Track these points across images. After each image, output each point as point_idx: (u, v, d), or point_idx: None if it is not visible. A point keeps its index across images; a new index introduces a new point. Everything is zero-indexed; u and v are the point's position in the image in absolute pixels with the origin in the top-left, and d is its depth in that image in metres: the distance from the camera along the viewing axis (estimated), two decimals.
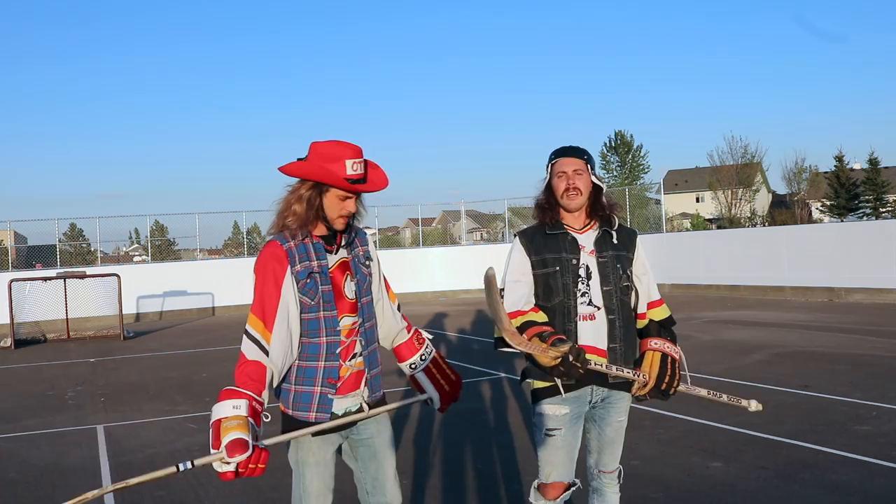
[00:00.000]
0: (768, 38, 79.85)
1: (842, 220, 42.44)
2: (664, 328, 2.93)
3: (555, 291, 2.82)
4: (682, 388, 2.85)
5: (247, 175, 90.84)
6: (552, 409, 2.80)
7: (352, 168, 2.50)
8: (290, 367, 2.60)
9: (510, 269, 2.90)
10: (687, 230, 38.56)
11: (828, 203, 48.58)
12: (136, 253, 38.58)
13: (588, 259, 2.85)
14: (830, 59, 77.74)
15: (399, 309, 2.88)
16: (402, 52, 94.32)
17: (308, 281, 2.53)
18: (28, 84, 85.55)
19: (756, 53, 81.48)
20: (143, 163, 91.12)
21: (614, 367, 2.73)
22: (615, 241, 2.89)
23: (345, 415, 2.61)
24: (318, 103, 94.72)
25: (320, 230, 2.59)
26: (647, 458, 5.03)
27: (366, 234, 2.79)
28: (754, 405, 2.86)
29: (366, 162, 2.59)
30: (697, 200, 58.38)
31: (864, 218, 44.73)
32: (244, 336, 2.51)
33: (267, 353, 2.47)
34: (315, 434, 2.59)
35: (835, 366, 8.09)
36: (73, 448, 6.19)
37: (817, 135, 78.46)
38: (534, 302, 2.85)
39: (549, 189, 2.91)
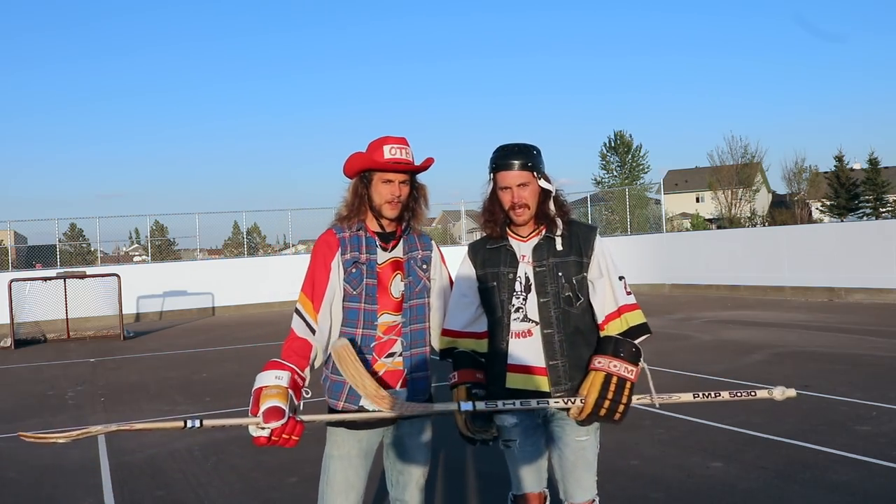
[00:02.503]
0: (768, 38, 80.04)
1: (842, 220, 42.43)
2: (623, 342, 2.59)
3: (493, 308, 2.68)
4: (658, 399, 2.59)
5: (247, 175, 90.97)
6: (500, 420, 2.68)
7: (390, 152, 2.60)
8: (329, 357, 2.66)
9: (458, 280, 2.78)
10: (687, 230, 38.54)
11: (828, 203, 48.57)
12: (136, 253, 38.59)
13: (527, 269, 2.66)
14: (830, 59, 77.95)
15: None
16: (403, 52, 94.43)
17: (353, 270, 2.61)
18: (28, 84, 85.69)
19: (756, 53, 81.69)
20: (143, 163, 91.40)
21: (533, 402, 2.50)
22: (559, 247, 2.64)
23: (377, 411, 2.58)
24: (318, 103, 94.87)
25: (375, 226, 2.67)
26: (647, 458, 5.03)
27: (431, 240, 2.82)
28: (778, 393, 2.64)
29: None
30: (697, 200, 58.35)
31: (864, 218, 44.71)
32: (294, 314, 2.61)
33: (314, 331, 2.55)
34: (340, 425, 2.60)
35: (835, 366, 8.09)
36: (73, 448, 6.19)
37: (817, 135, 78.62)
38: (482, 324, 2.71)
39: (495, 198, 2.69)
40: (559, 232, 2.67)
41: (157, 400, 8.14)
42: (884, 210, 47.07)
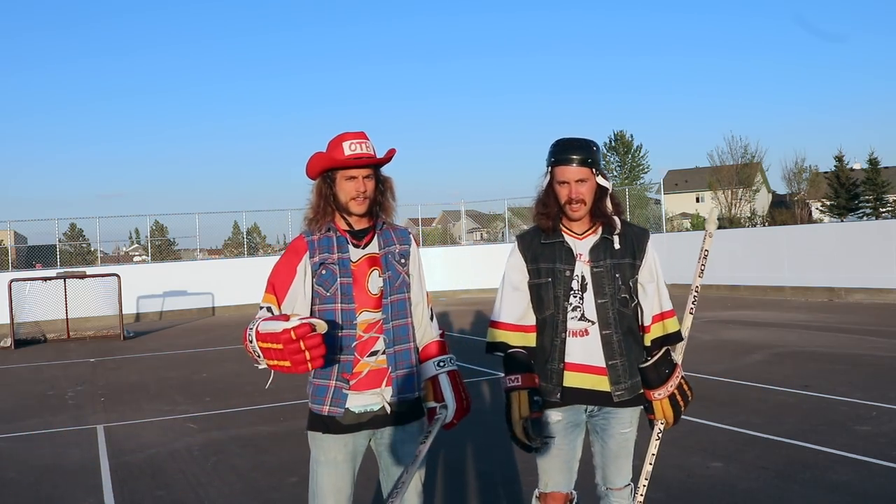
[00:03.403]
0: (768, 38, 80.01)
1: (842, 220, 42.42)
2: (661, 362, 2.68)
3: (545, 304, 2.67)
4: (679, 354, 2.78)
5: (247, 175, 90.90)
6: (544, 417, 2.67)
7: (350, 148, 2.54)
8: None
9: (509, 273, 2.76)
10: (687, 230, 38.55)
11: (828, 203, 48.55)
12: (136, 253, 38.55)
13: (584, 268, 2.66)
14: (830, 59, 77.88)
15: (432, 318, 2.82)
16: (402, 52, 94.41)
17: (323, 272, 2.55)
18: (28, 84, 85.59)
19: (756, 53, 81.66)
20: (143, 163, 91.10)
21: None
22: (617, 246, 2.67)
23: (363, 413, 2.56)
24: (318, 103, 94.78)
25: (345, 224, 2.62)
26: None
27: (409, 234, 2.76)
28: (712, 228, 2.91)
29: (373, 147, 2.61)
30: (697, 200, 58.37)
31: (864, 218, 44.70)
32: (259, 310, 2.53)
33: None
34: (324, 430, 2.56)
35: (835, 366, 8.09)
36: (73, 448, 6.19)
37: (817, 135, 78.59)
38: (531, 318, 2.72)
39: (550, 191, 2.68)
40: (617, 231, 2.68)
41: (157, 400, 8.14)
42: (884, 210, 47.05)
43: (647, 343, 2.71)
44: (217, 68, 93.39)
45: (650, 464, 2.71)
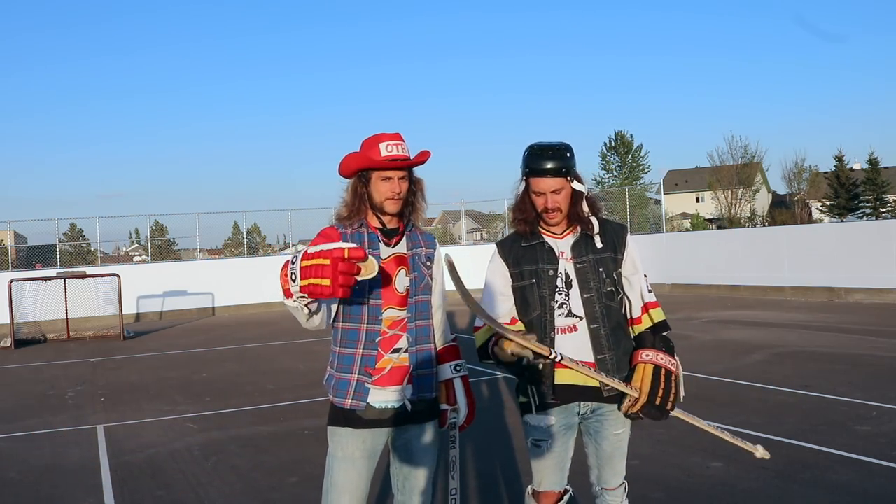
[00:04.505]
0: (768, 38, 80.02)
1: (842, 220, 42.42)
2: (659, 336, 2.69)
3: (532, 305, 2.69)
4: (681, 415, 2.63)
5: (247, 175, 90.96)
6: (537, 420, 2.69)
7: (387, 149, 2.57)
8: (333, 354, 2.64)
9: (490, 278, 2.80)
10: (687, 230, 38.54)
11: (828, 203, 48.58)
12: (136, 253, 38.58)
13: (567, 266, 2.69)
14: (830, 59, 77.91)
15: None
16: (402, 52, 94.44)
17: None
18: (28, 84, 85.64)
19: (756, 53, 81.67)
20: (143, 163, 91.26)
21: (603, 375, 2.57)
22: (598, 243, 2.70)
23: (384, 409, 2.57)
24: (318, 103, 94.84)
25: (376, 222, 2.65)
26: (647, 458, 5.03)
27: (435, 239, 2.82)
28: (761, 451, 2.66)
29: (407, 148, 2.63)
30: (697, 200, 58.36)
31: (864, 218, 44.72)
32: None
33: None
34: (343, 424, 2.56)
35: (835, 366, 8.09)
36: (73, 448, 6.19)
37: (817, 135, 78.59)
38: (514, 316, 2.75)
39: (527, 197, 2.71)
40: (596, 230, 2.71)
41: (157, 400, 8.14)
42: (884, 210, 47.07)
43: (635, 336, 2.74)
44: (217, 68, 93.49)
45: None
